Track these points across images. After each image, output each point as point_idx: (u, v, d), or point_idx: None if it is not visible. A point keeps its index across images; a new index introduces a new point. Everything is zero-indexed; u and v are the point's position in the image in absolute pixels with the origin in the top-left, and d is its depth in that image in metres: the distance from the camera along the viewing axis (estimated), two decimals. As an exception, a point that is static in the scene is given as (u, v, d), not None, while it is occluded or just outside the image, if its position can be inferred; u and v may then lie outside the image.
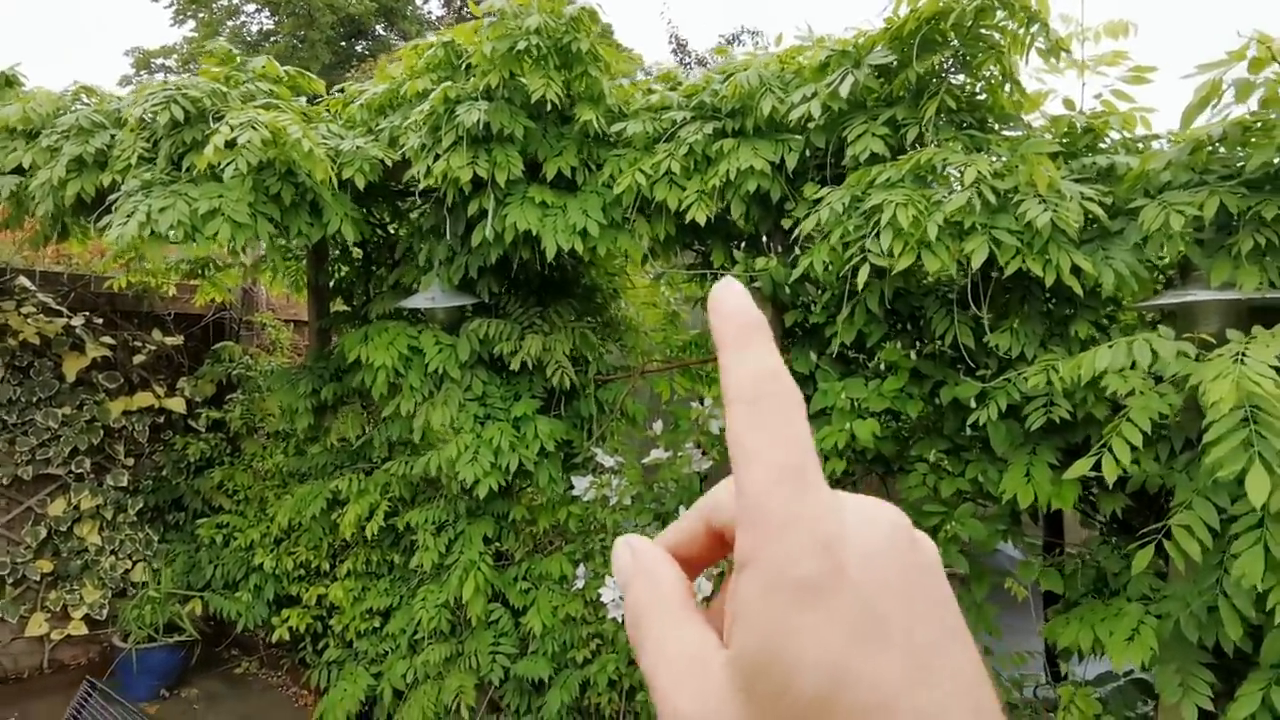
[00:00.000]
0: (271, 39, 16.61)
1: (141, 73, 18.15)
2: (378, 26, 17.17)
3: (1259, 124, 1.84)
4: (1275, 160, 1.80)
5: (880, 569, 0.23)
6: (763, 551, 0.23)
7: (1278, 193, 1.80)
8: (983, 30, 2.19)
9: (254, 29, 17.42)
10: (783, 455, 0.24)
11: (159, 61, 18.03)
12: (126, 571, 4.34)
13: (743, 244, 2.84)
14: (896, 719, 0.21)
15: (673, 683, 0.25)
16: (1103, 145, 2.28)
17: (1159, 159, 1.90)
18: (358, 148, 2.81)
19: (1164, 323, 2.28)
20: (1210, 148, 1.86)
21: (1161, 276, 2.23)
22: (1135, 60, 2.15)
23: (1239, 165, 1.91)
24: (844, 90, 2.19)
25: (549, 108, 2.63)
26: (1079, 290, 1.93)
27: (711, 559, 0.30)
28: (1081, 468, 1.82)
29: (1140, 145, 2.26)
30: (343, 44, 16.55)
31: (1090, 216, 1.93)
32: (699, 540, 0.30)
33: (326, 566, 3.90)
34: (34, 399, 4.17)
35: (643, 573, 0.28)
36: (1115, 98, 2.26)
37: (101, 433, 4.36)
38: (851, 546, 0.23)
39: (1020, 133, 2.27)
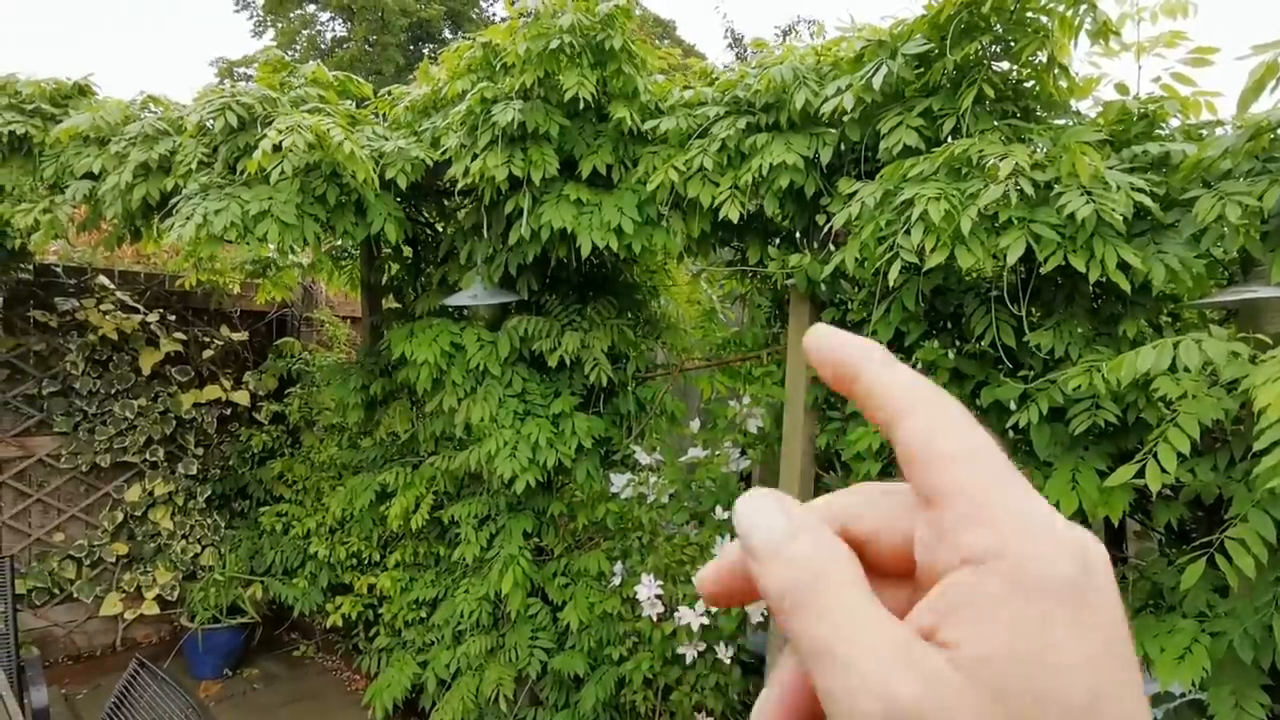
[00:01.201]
0: (344, 45, 17.19)
1: (225, 81, 19.05)
2: (445, 29, 17.57)
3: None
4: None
5: (1111, 580, 0.22)
6: (1010, 548, 0.21)
7: (1350, 181, 1.66)
8: (1028, 14, 2.09)
9: (328, 37, 18.07)
10: (996, 458, 0.23)
11: (241, 71, 18.89)
12: (196, 555, 4.56)
13: (779, 240, 2.79)
14: None
15: (885, 666, 0.21)
16: (1161, 132, 2.14)
17: (1215, 146, 1.78)
18: (399, 149, 2.87)
19: (1228, 321, 2.14)
20: (1272, 134, 1.72)
21: (1225, 272, 2.09)
22: (1195, 41, 2.01)
23: (1310, 152, 1.77)
24: (877, 82, 2.12)
25: (584, 106, 2.63)
26: (1125, 286, 1.82)
27: None
28: (1124, 475, 1.72)
29: (1203, 132, 2.12)
30: (411, 48, 17.00)
31: (1141, 208, 1.82)
32: None
33: (377, 557, 4.01)
34: (112, 391, 4.42)
35: (815, 530, 0.24)
36: (1176, 81, 2.12)
37: (174, 423, 4.59)
38: (1096, 554, 0.22)
39: (1068, 121, 2.16)
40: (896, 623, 0.22)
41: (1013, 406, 2.12)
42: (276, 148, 2.57)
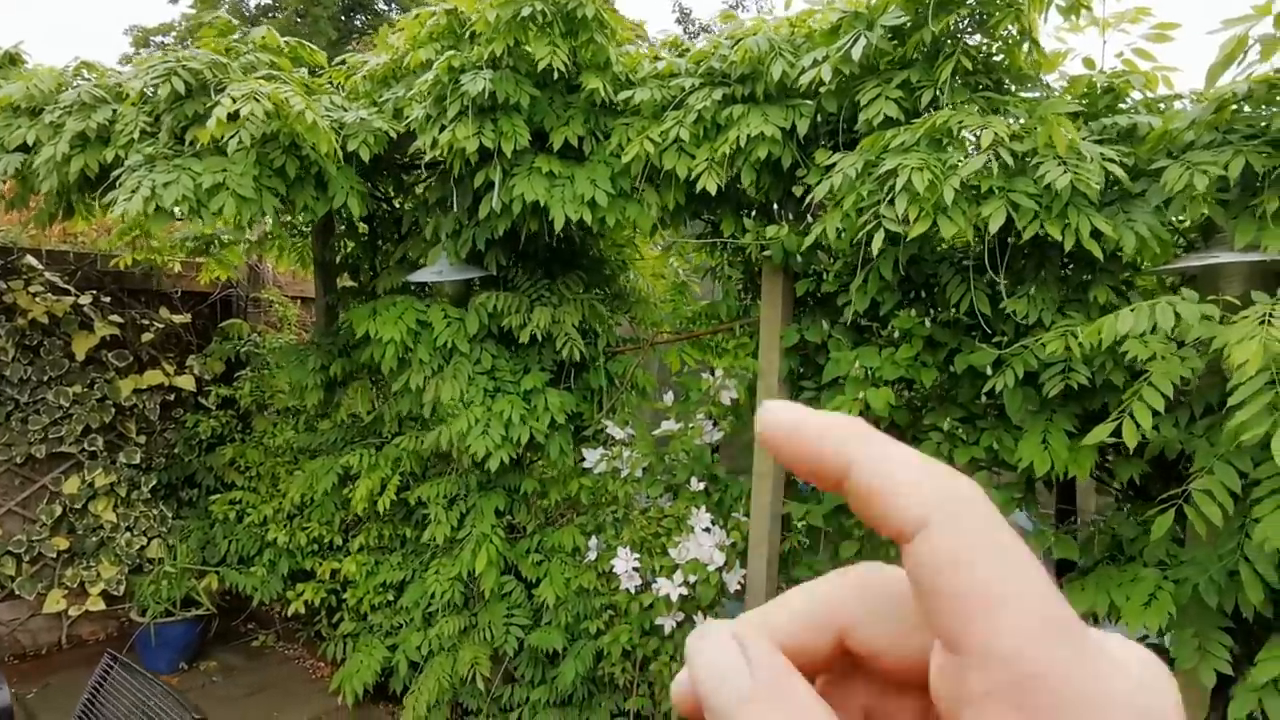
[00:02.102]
0: (270, 14, 16.40)
1: (141, 50, 18.02)
2: (379, 1, 16.95)
3: (1286, 80, 1.79)
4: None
5: None
6: None
7: (1304, 151, 1.76)
8: (1000, -13, 2.13)
9: (252, 5, 17.21)
10: (1040, 599, 0.18)
11: (158, 39, 17.87)
12: (142, 548, 4.38)
13: (753, 212, 2.80)
14: None
15: None
16: (1123, 105, 2.22)
17: (1182, 118, 1.85)
18: (362, 120, 2.77)
19: (1184, 286, 2.25)
20: (1235, 106, 1.81)
21: (1181, 239, 2.19)
22: (1158, 17, 2.09)
23: (1263, 124, 1.86)
24: (856, 53, 2.14)
25: (555, 76, 2.58)
26: (1099, 254, 1.89)
27: (819, 670, 0.23)
28: (1101, 433, 1.80)
29: (1162, 105, 2.21)
30: (343, 19, 16.35)
31: (1111, 178, 1.89)
32: (816, 653, 0.22)
33: (339, 541, 3.92)
34: (45, 378, 4.18)
35: (773, 696, 0.20)
36: (1137, 56, 2.20)
37: (113, 411, 4.37)
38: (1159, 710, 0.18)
39: (1038, 94, 2.22)
40: None
41: (988, 372, 2.19)
42: (232, 116, 2.45)
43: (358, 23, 17.12)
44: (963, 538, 0.19)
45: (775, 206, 2.73)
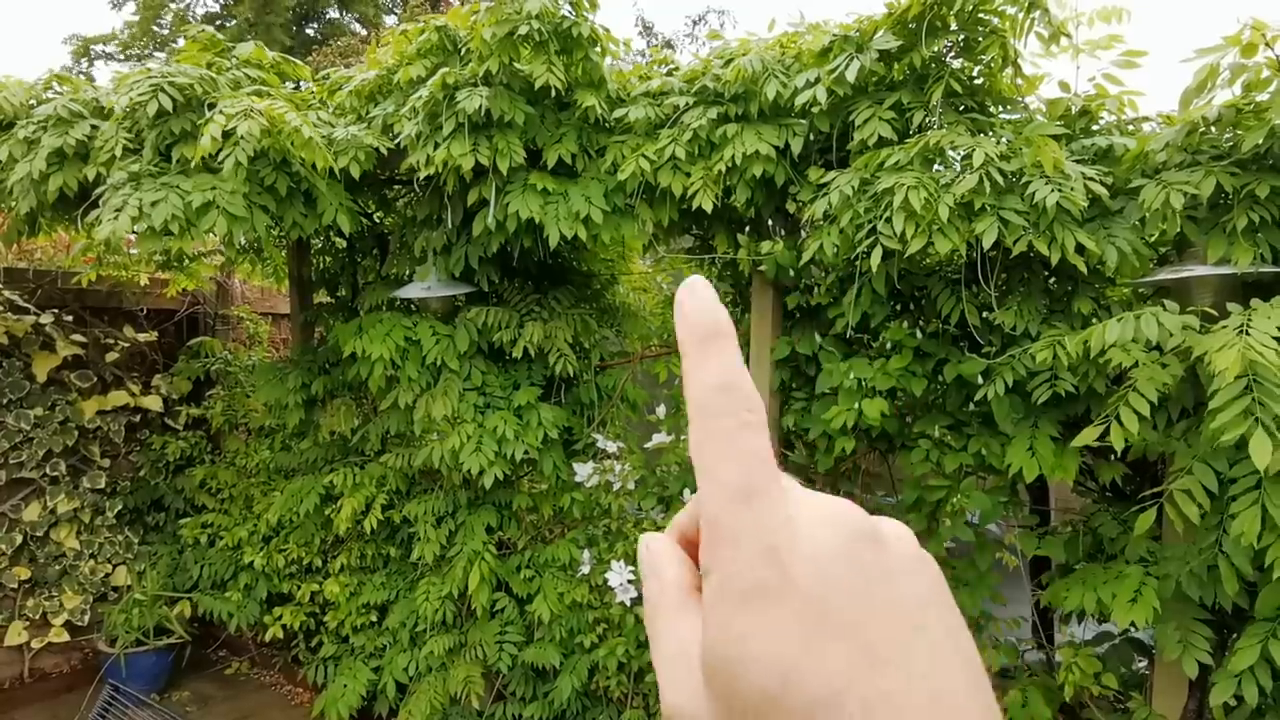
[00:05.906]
0: (218, 22, 16.05)
1: (81, 61, 17.44)
2: (330, 9, 16.73)
3: (1250, 106, 1.93)
4: (1261, 142, 1.89)
5: (832, 572, 0.24)
6: (716, 563, 0.25)
7: (1267, 172, 1.89)
8: (981, 15, 2.25)
9: (199, 12, 16.83)
10: (731, 472, 0.25)
11: (99, 48, 17.33)
12: (107, 575, 4.23)
13: (745, 228, 2.87)
14: (843, 709, 0.22)
15: (666, 676, 0.26)
16: (1096, 127, 2.36)
17: (1157, 140, 1.98)
18: (352, 136, 2.76)
19: (1154, 297, 2.39)
20: (1203, 129, 1.94)
21: (1153, 254, 2.33)
22: (1128, 45, 2.22)
23: (1228, 146, 2.00)
24: (850, 75, 2.23)
25: (552, 94, 2.62)
26: (1083, 268, 2.00)
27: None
28: (1088, 437, 1.90)
29: (1131, 127, 2.35)
30: (294, 28, 16.09)
31: (1092, 196, 2.00)
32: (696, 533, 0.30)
33: (319, 563, 3.85)
34: (4, 401, 4.02)
35: (650, 570, 0.29)
36: (1107, 81, 2.34)
37: (76, 434, 4.23)
38: (801, 554, 0.24)
39: (1019, 115, 2.34)
40: (689, 632, 0.26)
41: (979, 381, 2.29)
42: (227, 134, 2.42)
43: (310, 31, 16.88)
44: (701, 429, 0.26)
45: (768, 221, 2.80)
